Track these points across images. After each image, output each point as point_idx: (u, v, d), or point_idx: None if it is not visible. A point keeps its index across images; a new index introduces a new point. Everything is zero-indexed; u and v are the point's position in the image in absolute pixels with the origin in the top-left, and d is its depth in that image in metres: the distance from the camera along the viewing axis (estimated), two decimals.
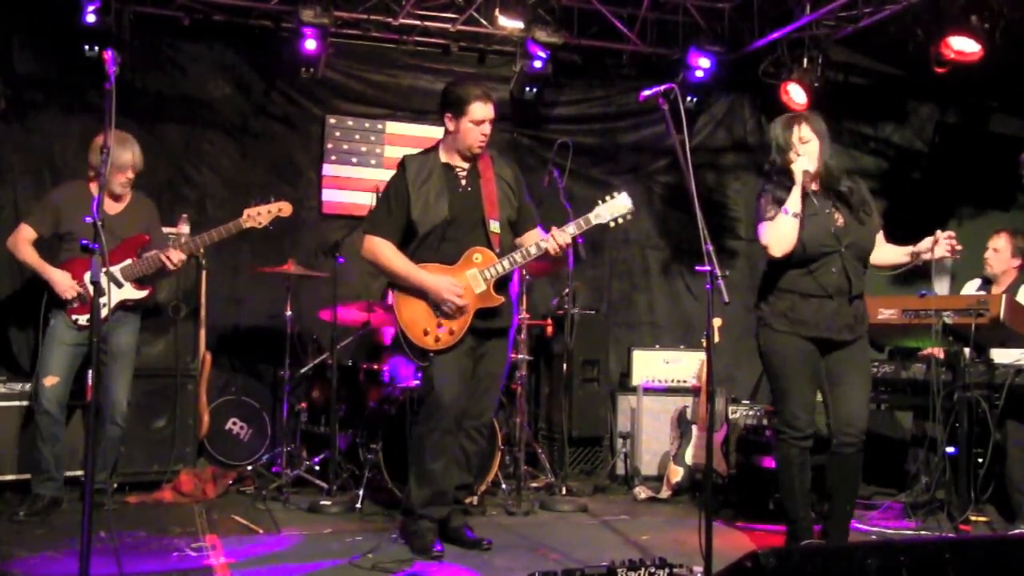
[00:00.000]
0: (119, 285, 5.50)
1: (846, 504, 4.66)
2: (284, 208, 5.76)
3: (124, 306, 5.57)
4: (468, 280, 4.72)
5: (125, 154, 5.50)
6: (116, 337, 5.55)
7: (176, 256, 5.50)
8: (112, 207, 5.60)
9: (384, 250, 4.79)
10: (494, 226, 4.80)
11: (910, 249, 4.70)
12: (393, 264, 4.77)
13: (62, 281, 5.39)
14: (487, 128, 4.83)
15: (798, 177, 4.49)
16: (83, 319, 5.41)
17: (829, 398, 4.65)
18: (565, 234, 4.72)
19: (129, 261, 5.54)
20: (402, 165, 4.91)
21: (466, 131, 4.79)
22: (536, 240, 4.80)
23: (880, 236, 4.78)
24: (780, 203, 4.54)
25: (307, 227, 7.60)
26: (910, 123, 9.35)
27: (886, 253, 4.79)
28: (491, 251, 4.76)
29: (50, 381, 5.42)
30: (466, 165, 4.90)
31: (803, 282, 4.55)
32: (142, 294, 5.62)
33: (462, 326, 4.72)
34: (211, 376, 6.75)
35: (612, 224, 4.78)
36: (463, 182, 4.86)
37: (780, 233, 4.48)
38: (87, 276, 5.34)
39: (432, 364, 4.75)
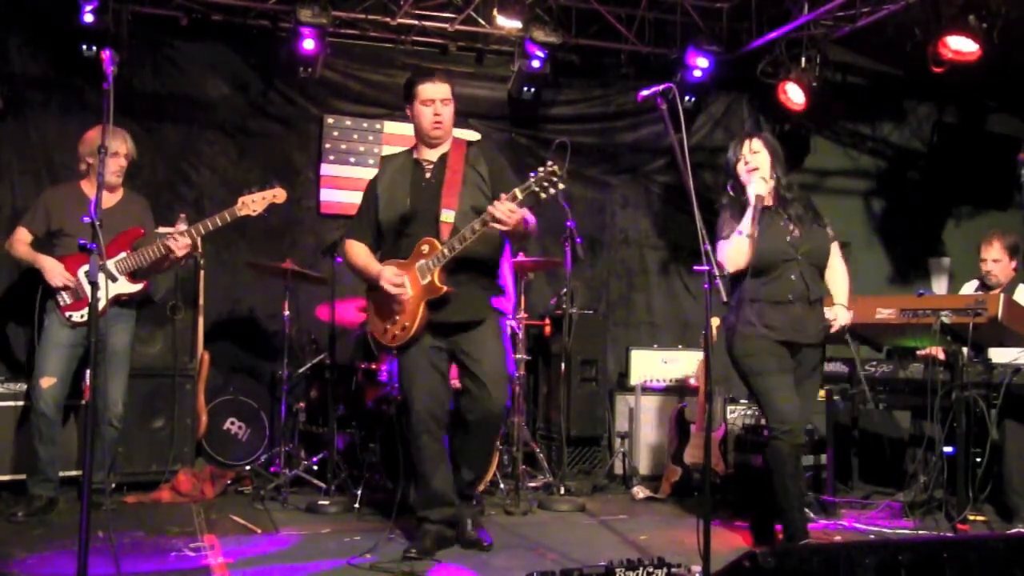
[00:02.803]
0: (113, 279, 5.46)
1: (792, 500, 4.76)
2: (279, 195, 5.72)
3: (119, 301, 5.54)
4: (416, 272, 4.64)
5: (115, 141, 5.47)
6: (111, 337, 5.52)
7: (182, 241, 5.44)
8: (105, 200, 5.49)
9: (350, 250, 4.83)
10: (446, 215, 4.64)
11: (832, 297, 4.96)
12: (356, 261, 4.80)
13: (52, 268, 5.38)
14: (440, 108, 4.74)
15: (752, 199, 4.71)
16: (77, 316, 5.40)
17: None
18: (506, 203, 4.44)
19: (123, 254, 5.51)
20: (380, 166, 4.98)
21: (419, 114, 4.77)
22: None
23: (835, 252, 4.99)
24: (735, 220, 4.77)
25: (305, 227, 7.61)
26: (908, 123, 9.38)
27: (832, 275, 4.97)
28: (438, 241, 4.63)
29: (47, 382, 5.41)
30: (434, 157, 4.81)
31: (767, 291, 4.75)
32: (136, 288, 5.59)
33: (412, 320, 4.63)
34: (209, 376, 6.75)
35: (544, 196, 4.49)
36: (428, 175, 4.78)
37: (733, 253, 4.72)
38: (81, 271, 5.34)
39: (399, 364, 4.78)
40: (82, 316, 5.38)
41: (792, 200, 4.88)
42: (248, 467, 6.75)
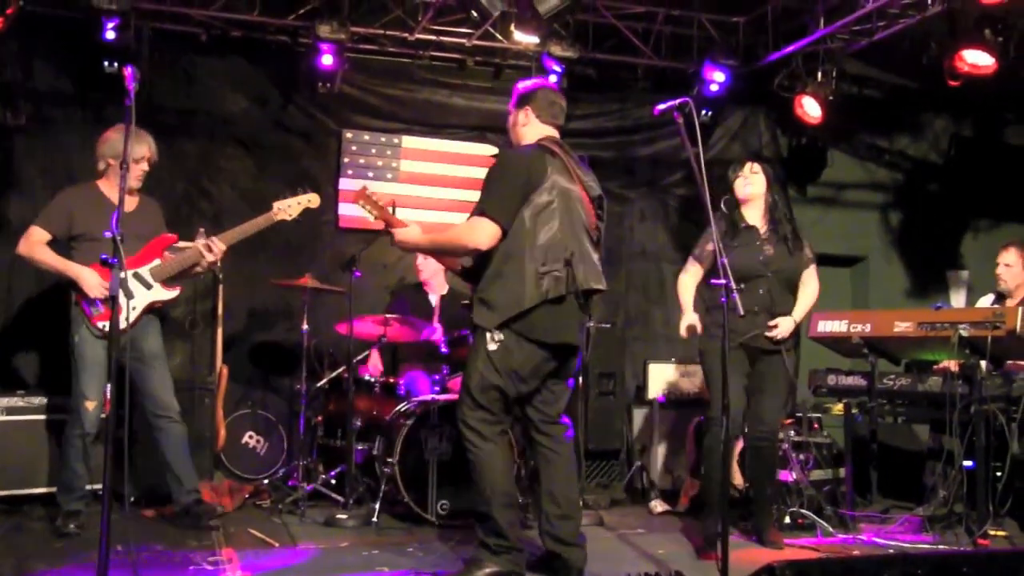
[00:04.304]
0: (148, 287, 5.41)
1: (765, 488, 5.51)
2: (313, 199, 5.71)
3: (151, 308, 5.47)
4: None
5: (139, 146, 5.38)
6: (145, 342, 5.46)
7: (217, 246, 5.45)
8: (127, 204, 5.35)
9: None
10: None
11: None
12: None
13: (90, 279, 5.23)
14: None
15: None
16: (107, 325, 5.31)
17: (751, 400, 5.42)
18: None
19: (157, 261, 5.46)
20: None
21: None
22: None
23: (809, 272, 5.56)
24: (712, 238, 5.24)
25: (324, 241, 7.64)
26: (925, 135, 9.37)
27: (801, 291, 5.54)
28: None
29: (91, 405, 5.30)
30: None
31: (741, 301, 4.99)
32: (172, 295, 5.52)
33: None
34: (228, 389, 6.77)
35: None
36: None
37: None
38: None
39: None
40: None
41: (778, 223, 5.48)
42: (266, 480, 6.76)
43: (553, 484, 4.53)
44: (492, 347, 4.35)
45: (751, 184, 5.50)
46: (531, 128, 4.69)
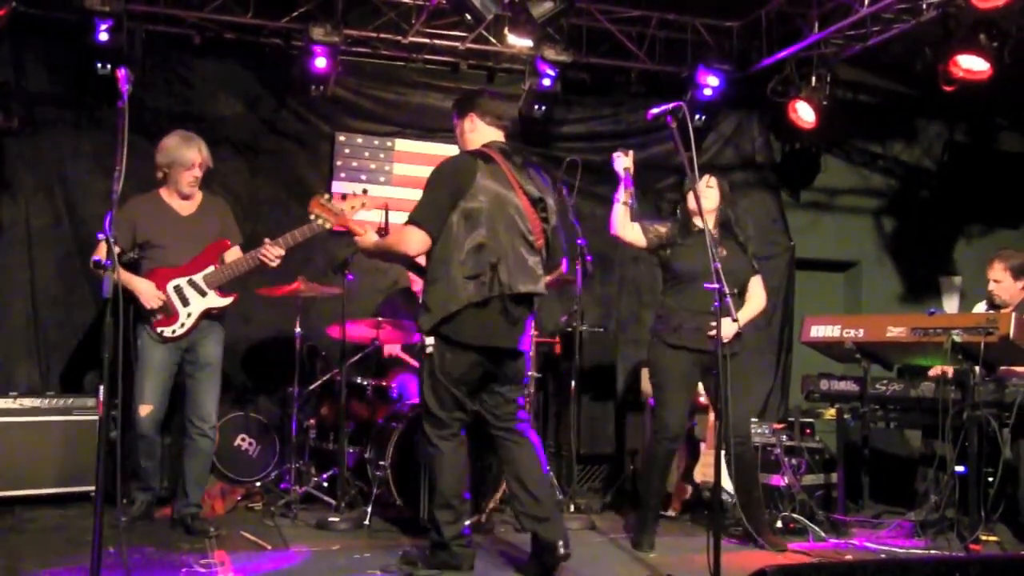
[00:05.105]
0: (203, 293, 5.43)
1: (751, 492, 5.50)
2: (367, 201, 5.59)
3: (208, 315, 5.49)
4: None
5: (190, 152, 5.45)
6: (203, 347, 5.49)
7: (275, 252, 5.46)
8: (184, 208, 5.53)
9: None
10: None
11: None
12: None
13: (147, 291, 5.30)
14: None
15: (621, 172, 5.36)
16: (168, 331, 5.35)
17: (716, 408, 5.46)
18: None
19: (212, 268, 5.46)
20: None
21: None
22: None
23: (755, 282, 5.64)
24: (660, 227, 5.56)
25: (316, 244, 7.59)
26: (919, 141, 9.39)
27: (747, 298, 5.61)
28: None
29: (145, 410, 5.35)
30: None
31: (690, 300, 5.32)
32: (226, 301, 5.53)
33: None
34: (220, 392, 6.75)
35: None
36: None
37: (616, 219, 5.42)
38: (170, 285, 5.35)
39: None
40: (173, 331, 5.36)
41: (730, 229, 5.57)
42: (259, 483, 6.75)
43: (519, 469, 4.65)
44: (429, 351, 4.53)
45: (704, 198, 5.39)
46: (478, 134, 4.78)
